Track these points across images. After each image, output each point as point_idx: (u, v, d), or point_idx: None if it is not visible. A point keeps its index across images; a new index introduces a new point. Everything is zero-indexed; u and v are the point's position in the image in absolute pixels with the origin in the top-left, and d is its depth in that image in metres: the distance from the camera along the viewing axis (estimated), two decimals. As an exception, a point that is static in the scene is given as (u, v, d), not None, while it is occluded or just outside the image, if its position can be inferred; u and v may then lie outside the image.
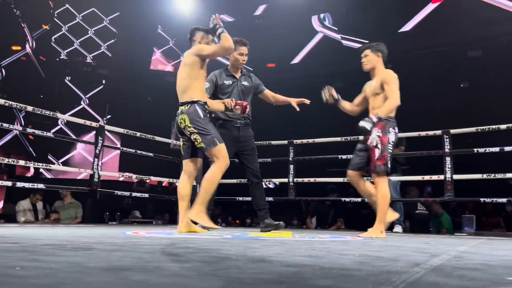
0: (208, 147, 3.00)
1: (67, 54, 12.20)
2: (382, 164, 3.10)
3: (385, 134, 3.13)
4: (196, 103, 3.07)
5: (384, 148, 3.11)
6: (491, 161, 6.25)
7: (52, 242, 1.83)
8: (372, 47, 3.42)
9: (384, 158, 3.10)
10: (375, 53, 3.38)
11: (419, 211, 5.85)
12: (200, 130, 3.01)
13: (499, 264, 1.37)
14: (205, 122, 3.05)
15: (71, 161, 11.59)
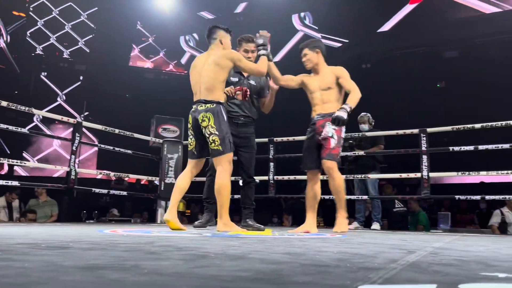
0: (224, 152, 2.99)
1: (43, 49, 11.94)
2: (336, 154, 3.20)
3: (340, 128, 3.22)
4: (222, 104, 3.07)
5: (338, 140, 3.22)
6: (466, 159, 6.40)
7: (26, 241, 1.78)
8: (309, 45, 3.44)
9: (338, 148, 3.22)
10: (313, 51, 3.40)
11: (397, 209, 5.95)
12: (222, 133, 2.99)
13: (473, 260, 1.40)
14: (227, 126, 3.06)
15: (47, 159, 11.36)
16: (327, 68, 3.40)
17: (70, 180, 4.58)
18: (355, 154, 5.12)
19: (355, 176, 5.14)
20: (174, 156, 5.49)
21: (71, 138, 4.72)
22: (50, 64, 11.89)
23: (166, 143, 5.55)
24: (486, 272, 1.09)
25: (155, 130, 5.71)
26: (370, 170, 5.19)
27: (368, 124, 5.39)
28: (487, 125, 4.44)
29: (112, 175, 6.37)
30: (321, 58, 3.43)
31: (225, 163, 3.00)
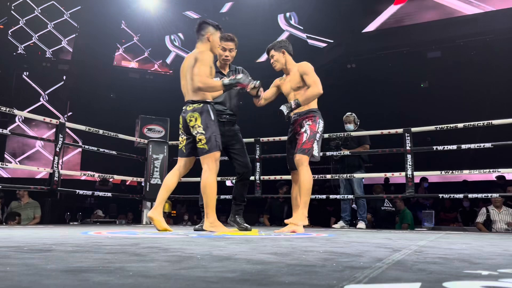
0: (210, 150, 2.97)
1: (24, 48, 11.73)
2: (307, 148, 3.15)
3: (315, 124, 3.21)
4: (209, 104, 3.05)
5: (312, 135, 3.18)
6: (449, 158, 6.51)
7: (8, 244, 1.75)
8: (275, 46, 3.41)
9: (311, 143, 3.16)
10: (279, 51, 3.37)
11: (385, 208, 6.02)
12: (208, 132, 2.98)
13: (456, 258, 1.42)
14: (215, 125, 3.03)
15: (30, 160, 11.17)
16: (295, 66, 3.36)
17: (53, 181, 4.52)
18: (340, 153, 5.15)
19: (341, 175, 5.18)
20: (159, 157, 5.46)
21: (54, 139, 4.65)
22: (32, 64, 11.69)
23: (151, 144, 5.51)
24: (470, 270, 1.10)
25: (140, 131, 5.66)
26: (355, 169, 5.23)
27: (353, 123, 5.43)
28: (470, 124, 4.51)
29: (97, 176, 6.29)
30: (288, 58, 3.39)
31: (210, 162, 2.98)
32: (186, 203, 9.01)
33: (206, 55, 3.07)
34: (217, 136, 3.01)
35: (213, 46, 3.17)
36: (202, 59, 3.03)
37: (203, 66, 3.00)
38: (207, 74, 3.01)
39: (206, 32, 3.14)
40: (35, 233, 2.79)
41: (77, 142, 10.59)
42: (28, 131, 11.11)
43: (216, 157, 3.01)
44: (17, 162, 10.96)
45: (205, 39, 3.14)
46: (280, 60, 3.37)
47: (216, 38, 3.17)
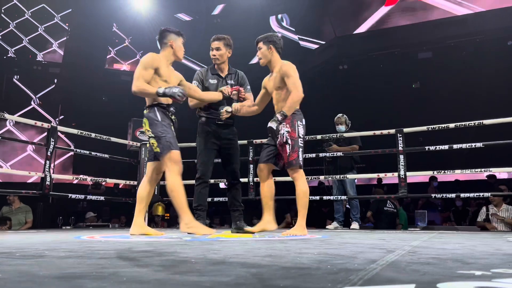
0: (163, 152, 2.93)
1: (15, 51, 11.64)
2: (294, 159, 3.07)
3: (294, 129, 3.09)
4: (156, 106, 3.01)
5: (294, 143, 3.09)
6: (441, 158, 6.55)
7: (0, 250, 1.73)
8: (264, 39, 3.28)
9: (296, 153, 3.08)
10: (267, 45, 3.24)
11: (387, 208, 6.04)
12: (157, 134, 2.95)
13: (449, 258, 1.43)
14: (163, 125, 2.97)
15: (21, 164, 11.07)
16: (278, 65, 3.23)
17: (45, 186, 4.48)
18: (332, 155, 5.17)
19: (333, 176, 5.20)
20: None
21: (45, 143, 4.62)
22: (23, 67, 11.59)
23: (143, 147, 5.49)
24: (463, 270, 1.11)
25: (133, 134, 5.64)
26: (347, 170, 5.25)
27: (345, 125, 5.45)
28: (461, 124, 4.55)
29: (89, 179, 6.25)
30: (275, 55, 3.25)
31: (169, 163, 2.92)
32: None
33: (147, 56, 3.03)
34: (167, 136, 2.93)
35: (176, 51, 3.14)
36: (141, 62, 3.01)
37: (142, 69, 2.96)
38: (146, 77, 2.95)
39: (168, 39, 3.13)
40: (27, 238, 2.76)
41: (69, 145, 10.52)
42: (19, 135, 11.02)
43: (172, 157, 2.91)
44: (8, 166, 10.86)
45: (168, 46, 3.13)
46: (266, 55, 3.24)
47: (179, 43, 3.16)
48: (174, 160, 2.93)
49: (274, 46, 3.25)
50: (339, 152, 5.16)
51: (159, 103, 3.02)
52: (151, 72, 2.98)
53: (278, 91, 3.21)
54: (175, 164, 2.92)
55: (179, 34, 3.19)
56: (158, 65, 3.02)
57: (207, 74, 3.63)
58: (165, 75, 3.06)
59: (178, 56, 3.18)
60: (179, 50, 3.17)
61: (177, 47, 3.15)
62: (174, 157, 2.93)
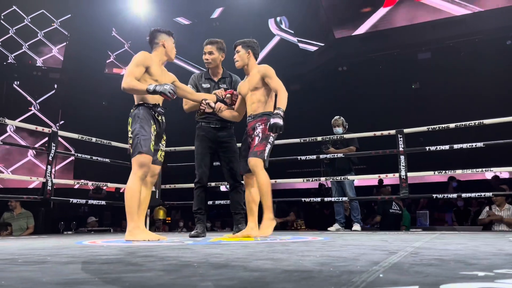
0: (134, 154, 2.90)
1: (15, 57, 11.65)
2: (259, 150, 3.06)
3: (267, 127, 3.08)
4: (142, 105, 2.99)
5: (264, 137, 3.09)
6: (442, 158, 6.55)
7: (2, 257, 1.73)
8: (243, 43, 3.33)
9: (263, 145, 3.07)
10: (245, 50, 3.30)
11: (393, 210, 6.04)
12: (132, 134, 2.92)
13: (452, 259, 1.43)
14: (141, 126, 2.91)
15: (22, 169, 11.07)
16: (255, 68, 3.29)
17: (46, 191, 4.49)
18: (330, 156, 5.19)
19: (333, 178, 5.21)
20: (153, 164, 5.43)
21: (46, 148, 4.62)
22: (23, 73, 11.60)
23: (144, 151, 5.48)
24: (466, 271, 1.11)
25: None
26: (346, 172, 5.26)
27: (342, 127, 5.47)
28: (461, 124, 4.55)
29: (90, 184, 6.25)
30: (252, 59, 3.31)
31: (134, 165, 2.89)
32: (181, 210, 8.98)
33: (139, 54, 3.01)
34: (141, 139, 2.88)
35: (168, 51, 3.16)
36: (133, 59, 2.99)
37: (134, 66, 2.94)
38: (136, 75, 2.93)
39: (159, 39, 3.14)
40: (29, 244, 2.76)
41: (69, 150, 10.52)
42: (20, 140, 11.02)
43: (140, 161, 2.87)
44: (9, 172, 10.86)
45: (159, 46, 3.13)
46: (244, 58, 3.29)
47: (170, 43, 3.17)
48: (139, 164, 2.88)
49: (252, 51, 3.31)
50: (336, 154, 5.17)
51: (145, 103, 3.00)
52: (142, 70, 2.97)
53: (254, 92, 3.23)
54: (140, 168, 2.88)
55: (169, 34, 3.20)
56: (150, 64, 3.01)
57: (201, 78, 3.67)
58: (156, 75, 3.04)
59: (170, 56, 3.19)
60: (171, 50, 3.18)
61: (169, 47, 3.16)
62: (140, 160, 2.88)
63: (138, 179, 2.88)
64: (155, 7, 11.21)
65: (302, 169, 8.63)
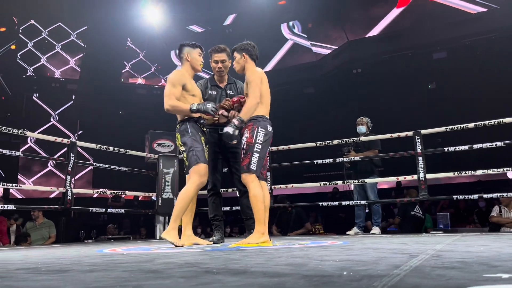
0: (190, 165, 3.02)
1: (33, 70, 11.92)
2: (245, 164, 2.99)
3: (252, 135, 3.02)
4: (188, 120, 3.11)
5: (248, 149, 3.01)
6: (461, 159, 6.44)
7: (26, 266, 1.76)
8: (237, 48, 3.26)
9: (248, 157, 2.99)
10: (240, 54, 3.23)
11: (415, 213, 5.95)
12: (186, 147, 3.05)
13: (475, 261, 1.40)
14: (193, 139, 3.06)
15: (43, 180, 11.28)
16: (248, 72, 3.19)
17: (66, 200, 4.56)
18: (351, 159, 5.13)
19: (353, 181, 5.16)
20: (170, 171, 5.48)
21: (65, 159, 4.70)
22: (41, 85, 11.87)
23: (161, 158, 5.54)
24: (490, 274, 1.08)
25: (150, 146, 5.70)
26: (367, 175, 5.19)
27: (366, 126, 5.39)
28: (480, 124, 4.47)
29: (109, 193, 6.33)
30: (248, 62, 3.21)
31: (192, 175, 3.02)
32: (199, 216, 9.01)
33: (176, 74, 3.13)
34: (195, 150, 3.03)
35: (194, 64, 3.23)
36: (169, 80, 3.11)
37: (171, 86, 3.06)
38: (176, 95, 3.06)
39: (184, 53, 3.23)
40: (51, 253, 2.81)
41: (88, 160, 10.68)
42: (41, 152, 11.24)
43: (198, 171, 3.01)
44: (30, 182, 11.08)
45: (184, 60, 3.22)
46: (240, 62, 3.22)
47: (195, 55, 3.23)
48: (198, 173, 3.01)
49: (247, 54, 3.23)
50: (358, 157, 5.12)
51: (191, 117, 3.12)
52: (180, 89, 3.09)
53: (247, 98, 3.20)
54: (199, 176, 3.01)
55: (194, 46, 3.26)
56: (185, 81, 3.13)
57: (207, 85, 3.63)
58: (191, 90, 3.17)
59: (195, 68, 3.26)
60: (195, 62, 3.24)
61: (193, 59, 3.22)
62: (199, 169, 3.01)
63: (196, 187, 3.02)
64: (169, 16, 11.34)
65: (318, 173, 8.59)
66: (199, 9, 11.44)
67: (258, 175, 3.03)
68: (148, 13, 11.18)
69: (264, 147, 3.06)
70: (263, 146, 3.04)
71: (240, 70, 3.27)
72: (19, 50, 11.85)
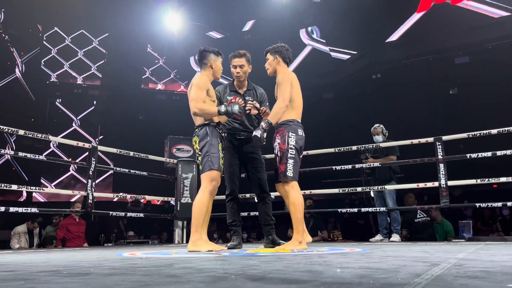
0: (204, 170, 3.04)
1: (57, 76, 12.19)
2: (282, 171, 3.01)
3: (283, 141, 3.03)
4: (207, 125, 3.11)
5: (283, 155, 3.02)
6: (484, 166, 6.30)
7: (48, 269, 1.79)
8: (272, 49, 3.30)
9: (283, 164, 3.01)
10: (273, 56, 3.27)
11: (419, 219, 5.81)
12: (203, 151, 3.06)
13: (499, 271, 1.37)
14: (210, 144, 3.05)
15: (65, 183, 11.49)
16: (279, 74, 3.23)
17: (87, 204, 4.63)
18: (370, 165, 5.08)
19: (372, 188, 5.10)
20: (189, 176, 5.52)
21: (87, 163, 4.79)
22: (64, 91, 12.13)
23: (180, 163, 5.59)
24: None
25: (169, 151, 5.76)
26: (386, 182, 5.13)
27: (382, 135, 5.35)
28: (504, 130, 4.37)
29: (129, 197, 6.40)
30: (280, 64, 3.25)
31: (205, 181, 3.03)
32: (216, 221, 9.04)
33: (202, 79, 3.14)
34: (211, 156, 3.02)
35: (216, 72, 3.23)
36: (197, 83, 3.09)
37: (198, 90, 3.06)
38: (203, 98, 3.06)
39: (208, 60, 3.21)
40: (72, 256, 2.85)
41: (108, 164, 10.84)
42: (63, 156, 11.46)
43: (212, 177, 3.02)
44: (53, 186, 11.29)
45: (208, 67, 3.21)
46: (272, 64, 3.27)
47: (218, 64, 3.24)
48: (211, 179, 3.02)
49: (280, 56, 3.26)
50: (377, 163, 5.07)
51: (210, 122, 3.12)
52: (205, 93, 3.10)
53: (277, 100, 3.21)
54: (210, 182, 3.01)
55: (218, 54, 3.26)
56: (208, 86, 3.15)
57: (226, 91, 3.63)
58: (212, 95, 3.20)
59: (216, 76, 3.27)
60: (218, 71, 3.25)
61: (216, 68, 3.23)
62: (212, 176, 3.02)
63: (208, 193, 3.03)
64: (188, 22, 11.47)
65: (336, 179, 8.52)
66: (218, 16, 11.54)
67: (297, 180, 3.05)
68: (168, 20, 11.32)
69: (298, 152, 3.08)
70: (296, 150, 3.06)
71: (272, 73, 3.29)
72: (43, 57, 12.14)
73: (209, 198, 3.05)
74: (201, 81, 3.11)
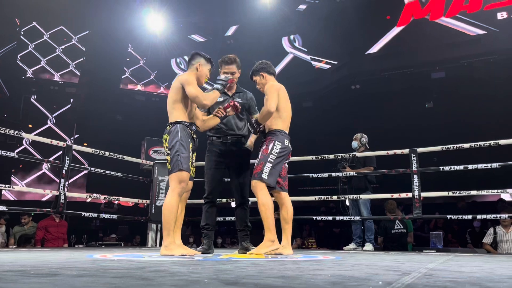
0: (172, 170, 2.94)
1: (33, 72, 11.93)
2: (256, 172, 3.07)
3: (267, 146, 3.12)
4: (179, 123, 3.03)
5: (262, 158, 3.10)
6: (456, 179, 6.45)
7: (14, 268, 1.74)
8: (254, 71, 3.40)
9: (260, 165, 3.07)
10: (258, 75, 3.37)
11: (396, 230, 5.85)
12: (172, 151, 2.97)
13: (467, 281, 1.40)
14: (180, 144, 2.96)
15: (36, 182, 11.21)
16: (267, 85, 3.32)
17: (59, 204, 4.52)
18: (346, 174, 5.14)
19: (347, 196, 5.15)
20: (165, 179, 5.46)
21: (60, 162, 4.68)
22: (40, 87, 11.87)
23: (157, 165, 5.53)
24: (482, 294, 1.08)
25: (146, 153, 5.69)
26: (361, 191, 5.20)
27: (358, 141, 5.44)
28: (476, 144, 4.49)
29: (102, 198, 6.28)
30: (268, 78, 3.35)
31: (173, 182, 2.93)
32: (192, 225, 8.96)
33: (190, 76, 3.10)
34: (180, 156, 2.93)
35: (200, 76, 3.16)
36: (189, 81, 3.05)
37: (195, 85, 3.04)
38: (201, 91, 3.07)
39: (197, 62, 3.17)
40: (40, 256, 2.77)
41: (83, 164, 10.63)
42: (36, 154, 11.19)
43: (180, 178, 2.93)
44: (23, 184, 11.00)
45: (193, 68, 3.16)
46: (262, 82, 3.35)
47: (205, 69, 3.18)
48: (179, 180, 2.93)
49: (264, 72, 3.35)
50: (353, 172, 5.13)
51: (182, 121, 3.04)
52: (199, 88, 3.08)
53: None
54: (179, 184, 2.93)
55: (209, 61, 3.21)
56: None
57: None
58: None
59: (200, 81, 3.19)
60: (203, 75, 3.17)
61: (201, 72, 3.16)
62: (181, 177, 2.93)
63: (177, 195, 2.93)
64: (171, 24, 11.41)
65: (313, 186, 8.58)
66: (202, 19, 11.53)
67: (273, 185, 3.09)
68: (150, 20, 11.24)
69: (279, 159, 3.12)
70: (277, 157, 3.10)
71: (264, 90, 3.31)
72: (19, 52, 11.86)
73: (178, 200, 2.96)
74: (190, 78, 3.07)
